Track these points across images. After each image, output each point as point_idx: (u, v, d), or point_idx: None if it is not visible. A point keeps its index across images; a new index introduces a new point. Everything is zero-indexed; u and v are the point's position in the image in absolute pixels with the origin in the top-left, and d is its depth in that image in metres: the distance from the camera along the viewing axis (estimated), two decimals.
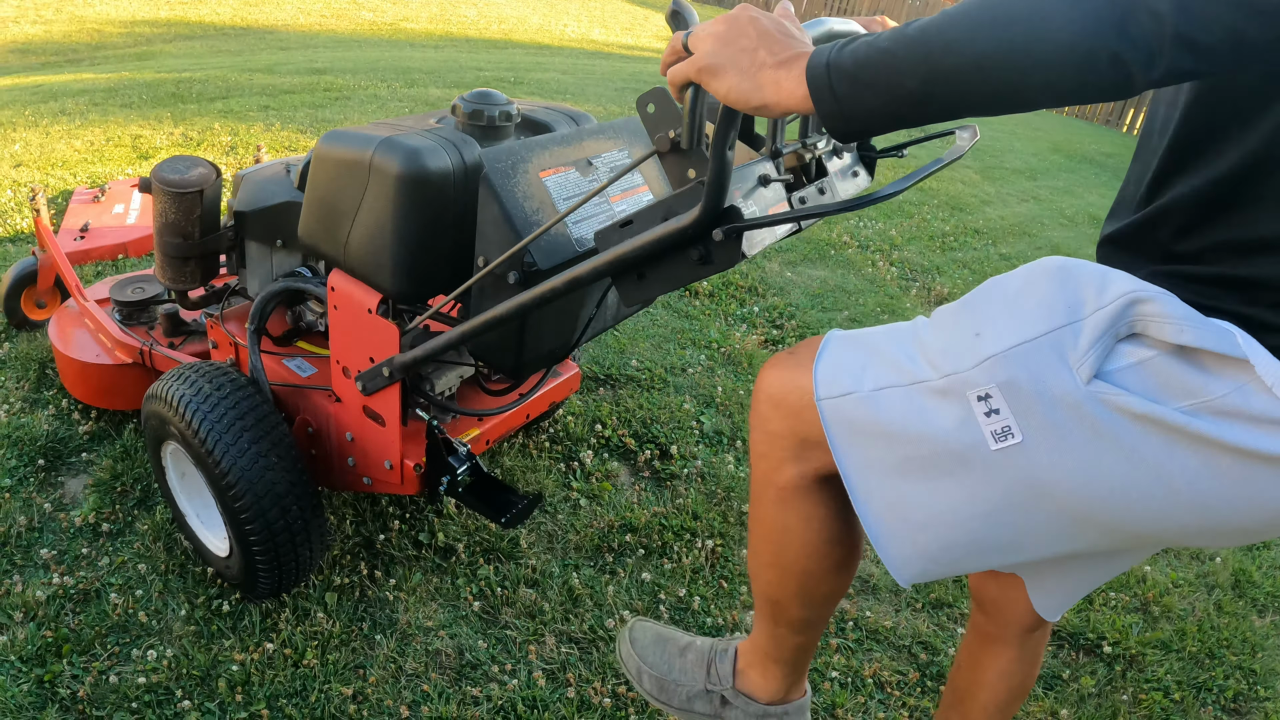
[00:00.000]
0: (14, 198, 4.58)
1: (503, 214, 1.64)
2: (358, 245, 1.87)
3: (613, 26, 17.49)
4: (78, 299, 2.95)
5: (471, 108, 1.95)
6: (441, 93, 7.47)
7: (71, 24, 12.66)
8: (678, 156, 1.26)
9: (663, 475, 3.05)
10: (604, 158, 1.90)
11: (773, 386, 1.41)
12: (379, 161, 1.77)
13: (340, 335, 2.02)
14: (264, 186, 2.30)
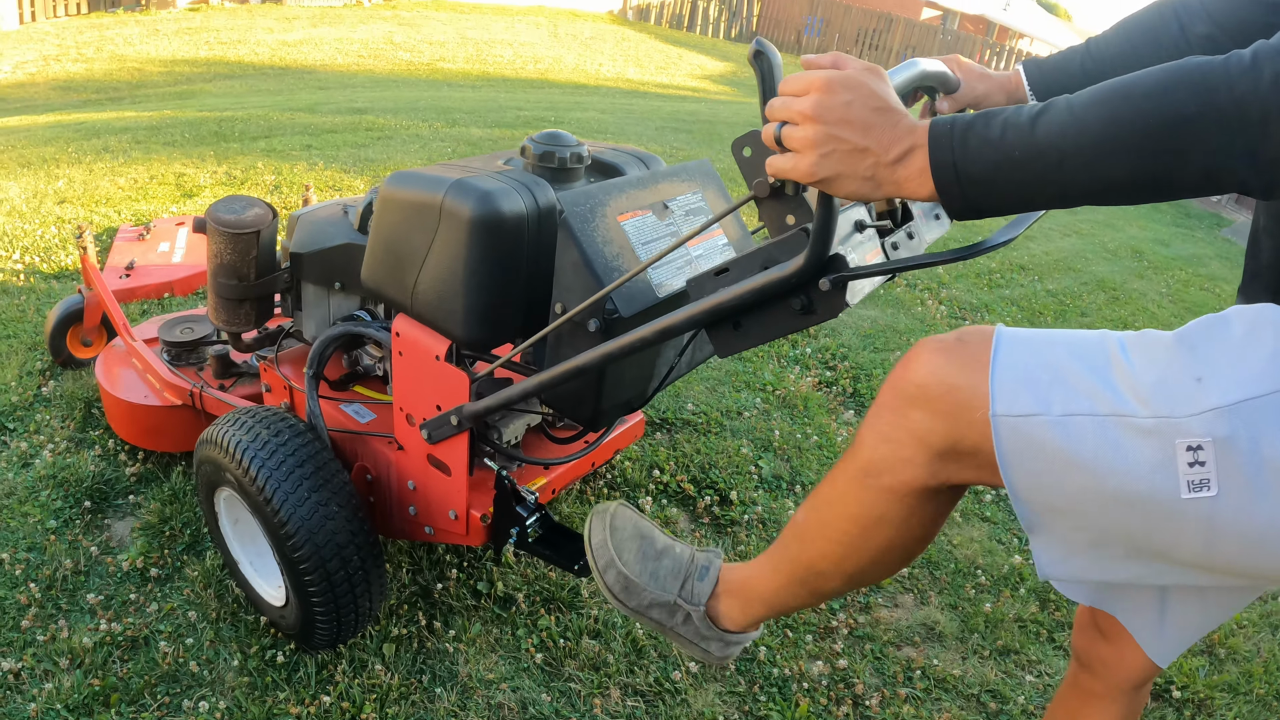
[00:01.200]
0: (58, 234, 4.57)
1: (583, 259, 1.59)
2: (426, 290, 1.80)
3: (647, 66, 17.59)
4: (125, 338, 2.90)
5: (542, 149, 1.89)
6: (483, 132, 7.47)
7: (112, 62, 12.83)
8: (776, 202, 1.22)
9: (723, 521, 2.95)
10: (679, 200, 1.86)
11: (930, 377, 1.22)
12: (451, 205, 1.71)
13: (405, 382, 1.95)
14: (321, 228, 2.25)
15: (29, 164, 5.93)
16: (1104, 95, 0.97)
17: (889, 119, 1.06)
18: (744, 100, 14.80)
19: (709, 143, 8.47)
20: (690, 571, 1.65)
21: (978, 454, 1.20)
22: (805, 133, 1.06)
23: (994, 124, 1.00)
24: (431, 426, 1.91)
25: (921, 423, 1.23)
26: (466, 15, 20.76)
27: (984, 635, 2.64)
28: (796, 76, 1.09)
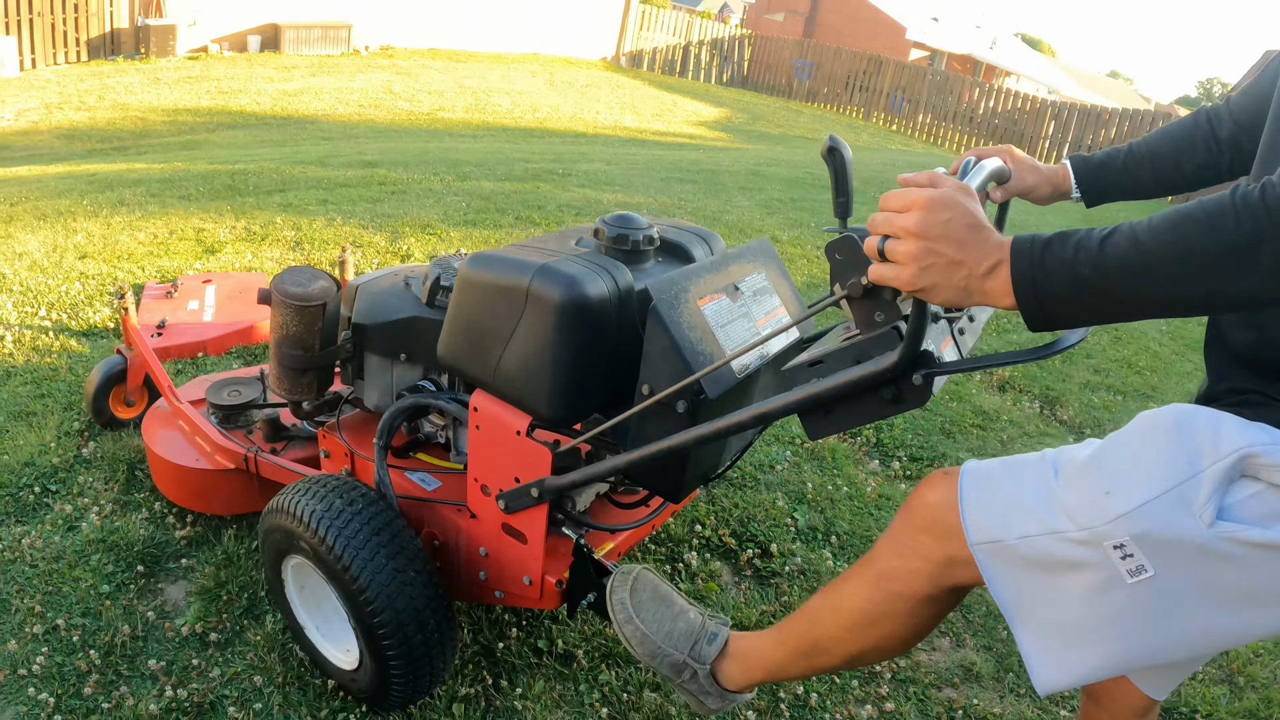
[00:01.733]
0: (83, 290, 4.60)
1: (672, 345, 1.67)
2: (510, 369, 1.86)
3: (644, 113, 17.76)
4: (171, 401, 2.93)
5: (616, 232, 1.97)
6: (494, 186, 7.55)
7: (115, 111, 12.91)
8: (867, 301, 1.37)
9: (764, 573, 3.02)
10: (747, 281, 1.94)
11: (932, 509, 1.49)
12: (538, 289, 1.78)
13: (481, 454, 2.01)
14: (386, 300, 2.31)
15: (45, 216, 5.96)
16: (1160, 224, 1.10)
17: (980, 235, 1.18)
18: (740, 147, 14.97)
19: (714, 193, 8.57)
20: (700, 635, 1.87)
21: (972, 566, 1.44)
22: (908, 247, 1.19)
23: (1068, 245, 1.13)
24: (509, 497, 1.97)
25: (926, 544, 1.50)
26: (462, 64, 20.96)
27: (1019, 674, 2.73)
28: (898, 194, 1.22)
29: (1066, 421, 4.74)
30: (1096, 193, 1.98)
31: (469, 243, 5.79)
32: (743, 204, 8.32)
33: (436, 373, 2.33)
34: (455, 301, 1.95)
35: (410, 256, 5.39)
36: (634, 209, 7.33)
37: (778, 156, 13.01)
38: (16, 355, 3.88)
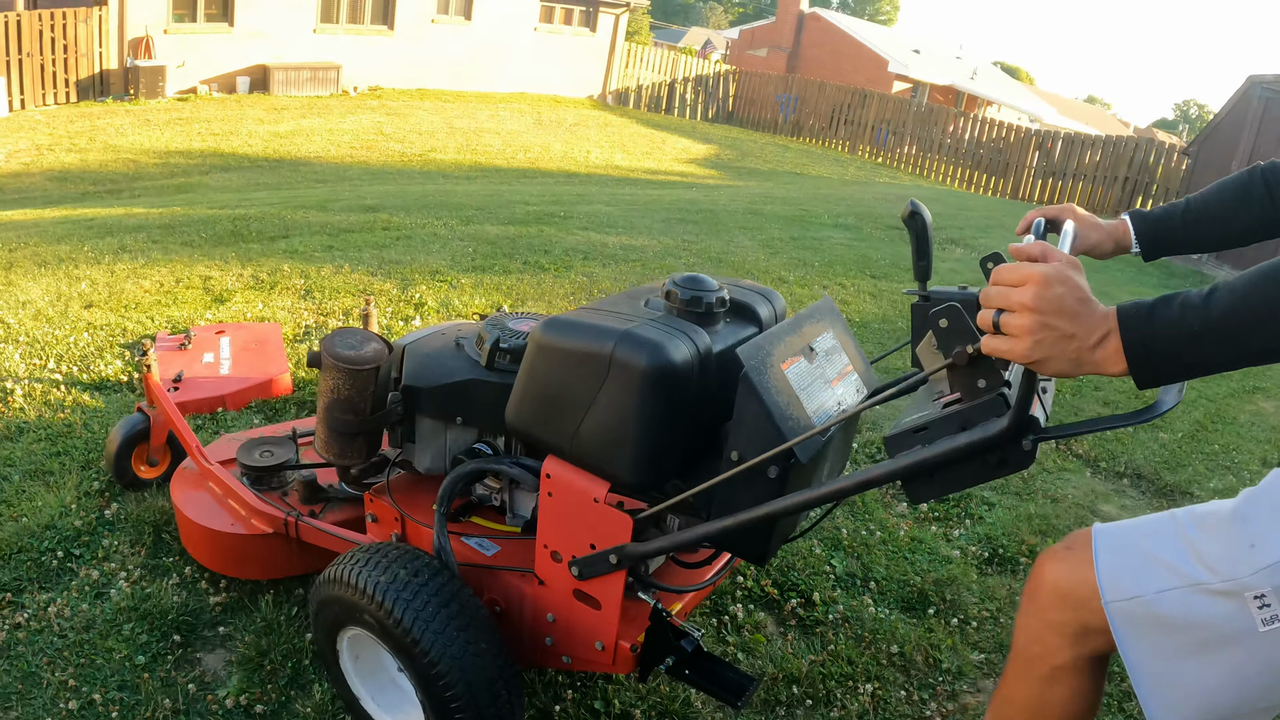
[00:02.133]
0: (92, 341, 4.53)
1: (764, 411, 1.67)
2: (589, 436, 1.84)
3: (633, 151, 17.82)
4: (200, 462, 2.86)
5: (689, 294, 1.97)
6: (499, 229, 7.52)
7: (106, 153, 12.87)
8: (971, 368, 1.43)
9: (808, 622, 3.00)
10: (819, 342, 1.95)
11: (1058, 582, 1.60)
12: (623, 356, 1.77)
13: (553, 521, 1.98)
14: (439, 362, 2.28)
15: (46, 263, 5.89)
16: (1255, 279, 1.16)
17: (1089, 308, 1.23)
18: (732, 184, 15.02)
19: (716, 233, 8.57)
20: None
21: (1106, 631, 1.52)
22: (1024, 321, 1.23)
23: (1174, 306, 1.19)
24: (584, 564, 1.93)
25: (1057, 618, 1.59)
26: (451, 104, 21.02)
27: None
28: (1012, 268, 1.26)
29: (1082, 455, 4.74)
30: (1154, 248, 2.03)
31: (481, 290, 5.75)
32: (745, 244, 8.32)
33: (492, 435, 2.30)
34: (528, 368, 1.92)
35: (423, 305, 5.34)
36: (640, 251, 7.32)
37: (771, 194, 13.04)
38: (28, 410, 3.80)
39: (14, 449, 3.50)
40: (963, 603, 3.21)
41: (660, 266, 6.90)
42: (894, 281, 7.87)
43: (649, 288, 2.18)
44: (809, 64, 34.52)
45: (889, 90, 30.77)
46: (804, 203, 12.08)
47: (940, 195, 16.95)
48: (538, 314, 2.48)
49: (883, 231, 10.55)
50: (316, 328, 4.86)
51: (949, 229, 11.60)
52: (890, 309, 7.01)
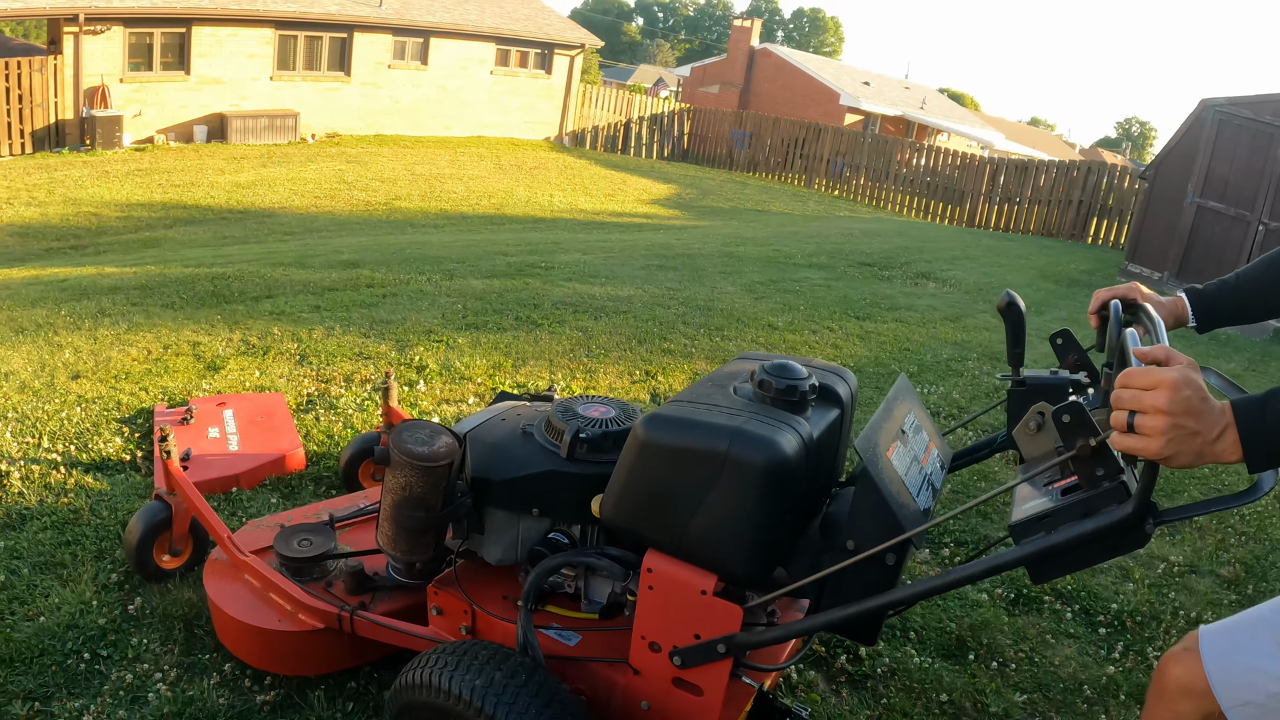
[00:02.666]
0: (85, 416, 4.39)
1: (883, 502, 1.74)
2: (700, 531, 1.86)
3: (596, 194, 17.84)
4: (234, 554, 2.75)
5: (785, 384, 2.00)
6: (483, 283, 7.45)
7: (66, 206, 12.66)
8: (1092, 459, 1.57)
9: (857, 677, 3.01)
10: (907, 423, 2.03)
11: (1180, 680, 1.71)
12: (738, 454, 1.80)
13: (654, 613, 1.98)
14: (511, 453, 2.26)
15: (23, 330, 5.73)
16: None
17: (1209, 405, 1.37)
18: (698, 224, 15.06)
19: (698, 280, 8.56)
20: None
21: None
22: (1157, 423, 1.36)
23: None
24: (687, 654, 1.93)
25: (1183, 709, 1.70)
26: (410, 149, 20.98)
27: None
28: (1142, 373, 1.39)
29: None
30: (1209, 321, 2.14)
31: (480, 349, 5.68)
32: (729, 290, 8.31)
33: (567, 524, 2.27)
34: (632, 465, 1.93)
35: (425, 368, 5.25)
36: (628, 302, 7.28)
37: (740, 234, 13.09)
38: (28, 495, 3.66)
39: (19, 539, 3.36)
40: (999, 646, 3.27)
41: (651, 318, 6.86)
42: (879, 322, 7.90)
43: (730, 373, 2.21)
44: (761, 99, 34.87)
45: (841, 123, 31.16)
46: (774, 242, 12.13)
47: (902, 227, 17.11)
48: (605, 398, 2.46)
49: (856, 269, 10.61)
50: (319, 396, 4.75)
51: (918, 262, 11.71)
52: (881, 351, 7.04)
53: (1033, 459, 1.88)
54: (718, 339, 6.58)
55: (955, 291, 10.12)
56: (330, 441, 4.21)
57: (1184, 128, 13.30)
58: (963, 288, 10.38)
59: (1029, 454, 1.90)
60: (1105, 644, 3.40)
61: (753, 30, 36.37)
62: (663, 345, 6.24)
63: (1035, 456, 1.88)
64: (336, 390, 4.82)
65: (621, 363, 5.78)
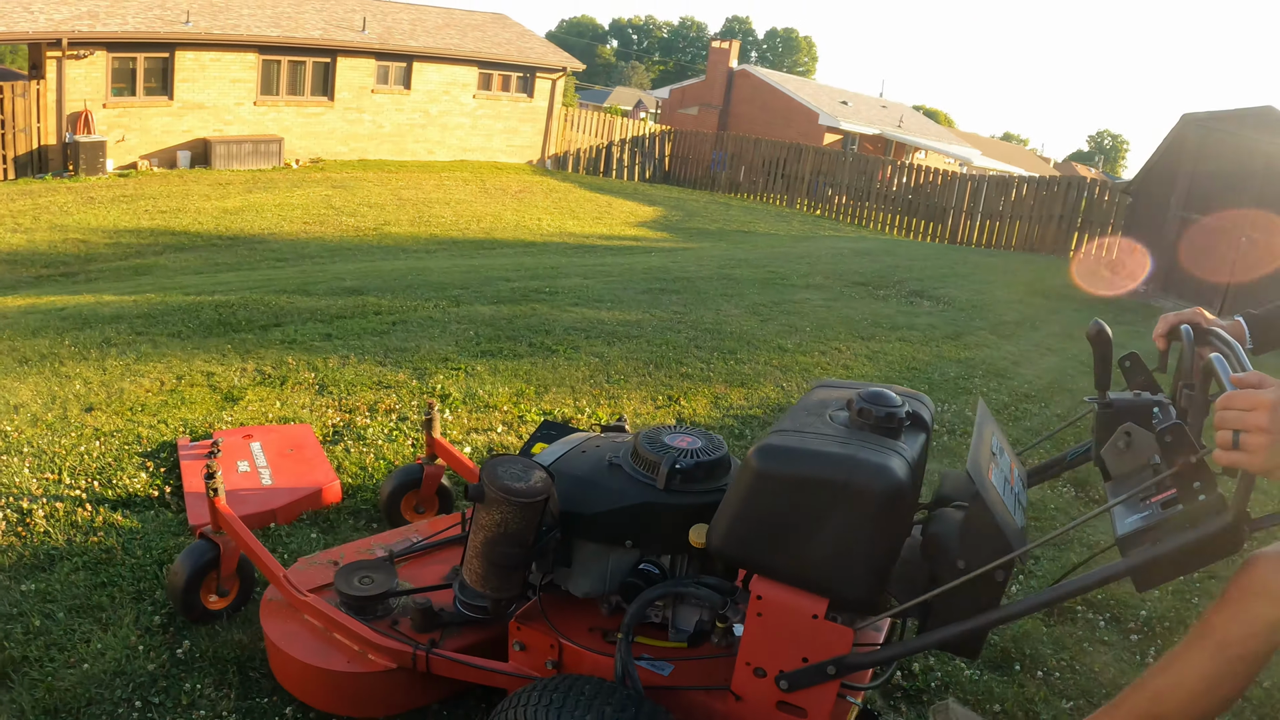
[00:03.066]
0: (104, 450, 4.29)
1: (995, 523, 1.85)
2: (815, 558, 1.91)
3: (583, 217, 17.82)
4: (293, 594, 2.68)
5: (884, 411, 2.05)
6: (490, 310, 7.40)
7: (53, 233, 12.53)
8: (1191, 474, 1.69)
9: (911, 692, 3.04)
10: (994, 444, 2.14)
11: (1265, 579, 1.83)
12: (857, 482, 1.86)
13: (761, 639, 2.01)
14: (601, 485, 2.27)
15: (27, 360, 5.62)
16: None
17: None
18: (688, 246, 15.06)
19: (701, 303, 8.54)
20: None
21: None
22: (1260, 440, 1.52)
23: None
24: (794, 677, 1.97)
25: (1262, 609, 1.82)
26: (395, 174, 20.92)
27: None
28: (1242, 395, 1.56)
29: (1099, 500, 4.91)
30: (1263, 344, 2.31)
31: (500, 376, 5.62)
32: (733, 313, 8.30)
33: (656, 555, 2.28)
34: (745, 496, 1.96)
35: (449, 396, 5.19)
36: (639, 327, 7.25)
37: (733, 256, 13.09)
38: (55, 534, 3.57)
39: (50, 580, 3.26)
40: (1041, 656, 3.34)
41: (664, 342, 6.83)
42: (883, 342, 7.91)
43: (820, 401, 2.24)
44: (740, 120, 35.01)
45: (821, 142, 31.33)
46: (767, 263, 12.13)
47: (888, 246, 17.19)
48: (687, 427, 2.47)
49: (851, 289, 10.63)
50: (345, 427, 4.67)
51: (910, 281, 11.75)
52: (890, 371, 7.07)
53: (1120, 476, 2.00)
54: (732, 362, 6.55)
55: (950, 309, 10.15)
56: (364, 473, 4.14)
57: (1166, 142, 13.43)
58: (957, 305, 10.42)
59: (1116, 471, 2.01)
60: (1138, 649, 3.50)
61: (731, 51, 36.52)
62: (680, 369, 6.20)
63: (1123, 473, 1.99)
64: (362, 420, 4.75)
65: (643, 388, 5.74)
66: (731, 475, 2.30)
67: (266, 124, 20.75)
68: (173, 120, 19.14)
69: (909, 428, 2.12)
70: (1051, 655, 3.36)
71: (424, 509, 3.61)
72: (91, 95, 17.77)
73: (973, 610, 1.87)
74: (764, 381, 6.23)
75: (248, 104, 20.38)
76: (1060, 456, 2.44)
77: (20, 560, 3.39)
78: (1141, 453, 1.95)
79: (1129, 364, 2.27)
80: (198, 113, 19.50)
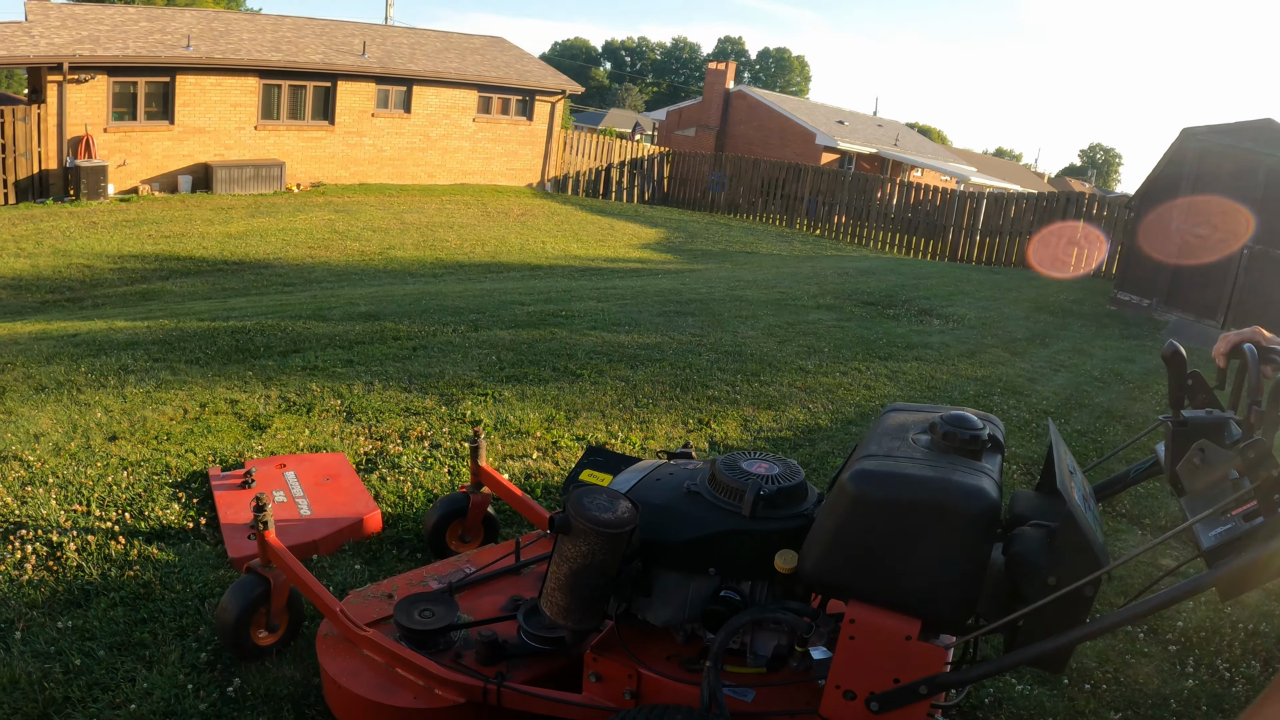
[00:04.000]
0: (132, 481, 4.21)
1: (1085, 541, 1.89)
2: (910, 579, 1.95)
3: (587, 240, 17.79)
4: (351, 629, 2.61)
5: (969, 434, 2.11)
6: (509, 334, 7.35)
7: (57, 258, 12.47)
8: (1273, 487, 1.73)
9: (965, 708, 3.07)
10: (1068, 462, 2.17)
11: None
12: (954, 504, 1.91)
13: (853, 662, 2.03)
14: (683, 514, 2.27)
15: (43, 388, 5.54)
16: None
17: None
18: (695, 268, 15.04)
19: (718, 325, 8.51)
20: None
21: None
22: None
23: None
24: (885, 698, 1.99)
25: None
26: (396, 197, 20.89)
27: None
28: None
29: (1125, 514, 4.97)
30: None
31: (529, 402, 5.57)
32: (750, 334, 8.26)
33: (736, 581, 2.28)
34: (840, 520, 2.00)
35: (479, 423, 5.12)
36: (660, 350, 7.20)
37: (740, 277, 13.06)
38: (88, 568, 3.48)
39: (87, 617, 3.18)
40: (1086, 669, 3.40)
41: (687, 365, 6.78)
42: (901, 362, 7.88)
43: (899, 425, 2.26)
44: (738, 141, 35.07)
45: (818, 162, 31.38)
46: (776, 284, 12.10)
47: (890, 265, 17.17)
48: (760, 452, 2.46)
49: (862, 309, 10.60)
50: (379, 455, 4.60)
51: (918, 300, 11.73)
52: (911, 390, 7.05)
53: (1195, 491, 2.01)
54: (757, 384, 6.49)
55: (961, 327, 10.13)
56: (403, 502, 4.07)
57: (1166, 157, 13.43)
58: (967, 323, 10.39)
59: (1191, 486, 2.03)
60: (1177, 660, 3.56)
61: (728, 73, 36.61)
62: (707, 393, 6.15)
63: (1198, 489, 2.01)
64: (394, 448, 4.68)
65: (672, 411, 5.68)
66: (810, 500, 2.32)
67: (268, 148, 20.72)
68: (174, 144, 19.11)
69: (989, 450, 2.16)
70: (1096, 668, 3.42)
71: (470, 538, 3.55)
72: (92, 119, 17.74)
73: (1063, 625, 1.90)
74: (790, 403, 6.17)
75: (249, 128, 20.36)
76: (1124, 473, 2.46)
77: (54, 596, 3.32)
78: (1216, 468, 1.98)
79: (1191, 382, 2.28)
80: (199, 137, 19.47)
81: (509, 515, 3.94)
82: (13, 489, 4.05)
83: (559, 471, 4.61)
